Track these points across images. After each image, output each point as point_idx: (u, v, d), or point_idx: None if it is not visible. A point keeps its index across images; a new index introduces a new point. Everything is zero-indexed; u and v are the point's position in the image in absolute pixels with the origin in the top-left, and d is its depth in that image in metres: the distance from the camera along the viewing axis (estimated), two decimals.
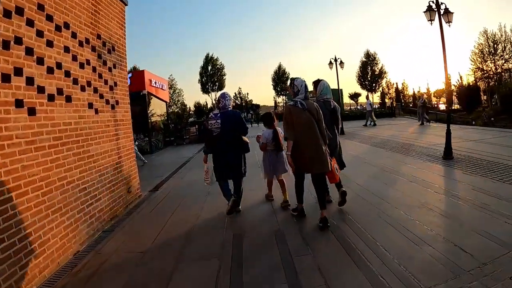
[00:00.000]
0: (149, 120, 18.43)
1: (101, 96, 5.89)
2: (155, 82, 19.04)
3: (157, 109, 20.83)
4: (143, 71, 17.47)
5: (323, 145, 4.45)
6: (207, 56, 66.07)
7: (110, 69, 6.38)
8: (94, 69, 5.69)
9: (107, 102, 6.14)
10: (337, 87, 19.28)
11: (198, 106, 68.06)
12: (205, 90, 65.42)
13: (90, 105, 5.46)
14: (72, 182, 4.68)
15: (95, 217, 5.23)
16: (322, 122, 4.54)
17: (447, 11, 8.96)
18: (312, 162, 4.44)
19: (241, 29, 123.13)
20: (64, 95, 4.70)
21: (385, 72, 62.64)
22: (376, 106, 56.31)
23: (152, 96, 19.13)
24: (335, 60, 19.42)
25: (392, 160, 8.91)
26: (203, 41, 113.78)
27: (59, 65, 4.59)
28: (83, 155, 5.05)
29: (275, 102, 71.39)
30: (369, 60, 62.55)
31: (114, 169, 6.09)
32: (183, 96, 62.49)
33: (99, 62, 5.92)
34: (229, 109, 5.31)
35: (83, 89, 5.24)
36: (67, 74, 4.83)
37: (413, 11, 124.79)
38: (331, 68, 19.53)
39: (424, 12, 9.09)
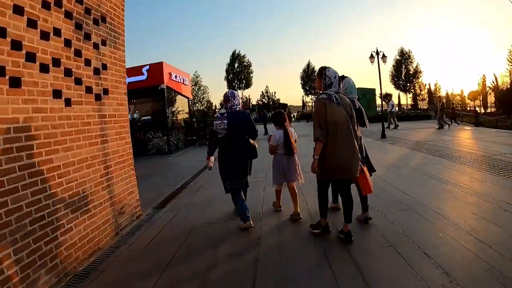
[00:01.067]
0: (169, 118, 16.86)
1: (78, 82, 4.17)
2: (176, 76, 17.42)
3: (179, 106, 19.21)
4: (161, 63, 15.86)
5: (357, 147, 3.89)
6: (233, 53, 64.75)
7: (96, 46, 4.64)
8: (67, 43, 3.97)
9: (89, 90, 4.41)
10: (379, 84, 17.10)
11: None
12: (231, 87, 63.89)
13: (57, 94, 3.76)
14: (18, 211, 3.02)
15: (60, 258, 3.53)
16: (355, 120, 4.00)
17: None
18: (343, 166, 3.82)
19: (269, 25, 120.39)
20: (7, 77, 3.01)
21: (420, 72, 59.36)
22: (402, 107, 53.43)
23: (172, 92, 17.50)
24: (377, 53, 17.19)
25: (469, 179, 6.63)
26: (230, 37, 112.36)
27: None
28: (39, 168, 3.36)
29: (303, 101, 69.26)
30: (403, 59, 59.37)
31: (97, 184, 4.39)
32: (208, 93, 61.06)
33: (78, 34, 4.19)
34: (238, 109, 4.77)
35: (44, 69, 3.55)
36: (16, 45, 3.15)
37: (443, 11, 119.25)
38: (372, 62, 17.35)
39: None
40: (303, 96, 68.47)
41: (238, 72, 64.41)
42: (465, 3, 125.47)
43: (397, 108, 42.58)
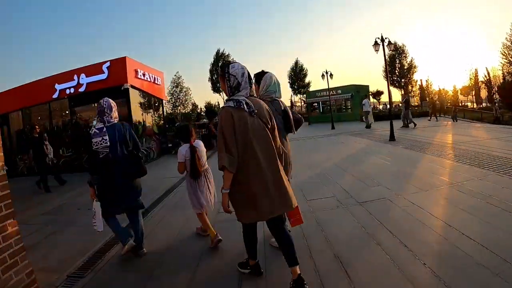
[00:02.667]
0: (137, 124, 14.48)
1: None
2: (144, 74, 15.06)
3: (149, 109, 16.79)
4: (124, 58, 13.51)
5: (282, 170, 2.90)
6: (217, 52, 61.96)
7: None
8: None
9: None
10: (385, 74, 14.83)
11: (209, 106, 64.24)
12: (216, 89, 61.37)
13: None
14: None
15: None
16: (276, 132, 3.04)
17: None
18: (269, 201, 2.76)
19: (253, 22, 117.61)
20: None
21: (414, 67, 57.06)
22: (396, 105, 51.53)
23: (140, 93, 15.08)
24: (382, 40, 14.83)
25: None
26: (212, 35, 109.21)
27: None
28: None
29: (292, 101, 66.96)
30: (397, 53, 56.78)
31: None
32: (191, 95, 58.34)
33: None
34: (116, 121, 4.12)
35: None
36: None
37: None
38: (377, 50, 14.98)
39: None
40: (291, 96, 66.23)
41: None
42: None
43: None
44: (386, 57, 14.77)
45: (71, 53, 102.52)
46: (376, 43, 15.02)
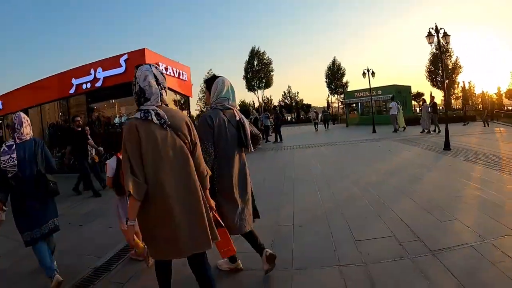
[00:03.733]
0: None
1: None
2: (166, 68, 13.84)
3: (172, 107, 15.61)
4: (143, 50, 12.35)
5: (200, 198, 2.39)
6: (252, 50, 60.83)
7: None
8: None
9: None
10: (441, 68, 12.82)
11: (243, 105, 63.20)
12: (250, 87, 60.18)
13: None
14: None
15: None
16: (199, 149, 2.56)
17: None
18: (181, 238, 2.29)
19: (291, 19, 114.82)
20: None
21: (459, 67, 52.94)
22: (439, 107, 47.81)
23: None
24: (437, 30, 12.71)
25: None
26: (248, 32, 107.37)
27: None
28: None
29: (328, 102, 64.63)
30: (441, 52, 52.53)
31: None
32: None
33: None
34: (28, 138, 3.77)
35: None
36: None
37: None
38: (431, 42, 12.96)
39: None
40: (328, 96, 63.90)
41: (258, 70, 60.44)
42: None
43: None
44: (429, 54, 12.89)
45: (98, 47, 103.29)
46: (429, 34, 12.99)
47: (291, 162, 11.01)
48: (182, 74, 15.67)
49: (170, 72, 14.25)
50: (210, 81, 3.31)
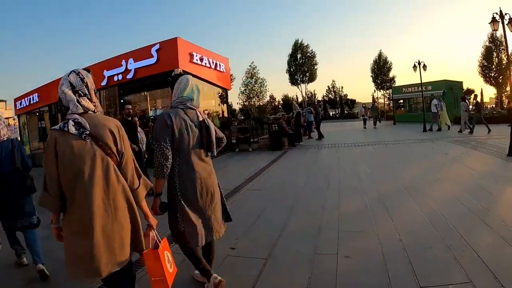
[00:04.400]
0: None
1: None
2: (201, 59, 12.89)
3: (209, 100, 14.70)
4: (175, 39, 11.51)
5: (122, 212, 2.23)
6: (296, 43, 59.19)
7: None
8: None
9: None
10: (506, 60, 10.93)
11: (286, 99, 61.82)
12: (294, 81, 58.72)
13: None
14: None
15: None
16: (127, 160, 2.33)
17: None
18: (97, 256, 2.12)
19: (335, 10, 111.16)
20: None
21: None
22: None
23: (197, 79, 12.95)
24: (501, 15, 10.82)
25: None
26: (291, 24, 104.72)
27: None
28: None
29: (373, 97, 61.78)
30: (494, 45, 47.09)
31: None
32: (266, 86, 56.02)
33: None
34: (4, 139, 3.88)
35: None
36: None
37: None
38: (495, 29, 11.09)
39: None
40: (374, 91, 61.02)
41: (301, 64, 58.81)
42: None
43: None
44: (482, 48, 10.92)
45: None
46: (494, 20, 11.17)
47: (335, 164, 9.70)
48: (219, 65, 14.71)
49: (205, 63, 13.34)
50: (174, 79, 3.09)
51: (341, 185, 6.99)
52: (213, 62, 14.03)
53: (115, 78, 12.68)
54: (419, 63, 20.18)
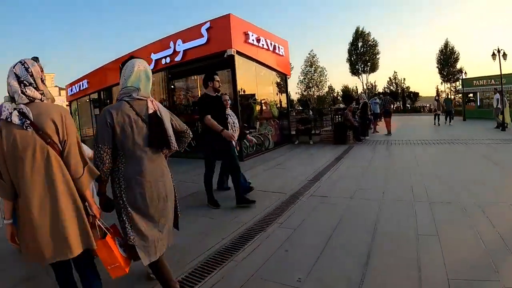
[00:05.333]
0: (250, 102, 11.12)
1: None
2: (258, 39, 11.35)
3: (266, 86, 13.18)
4: (227, 16, 9.99)
5: (64, 202, 2.23)
6: (357, 30, 56.29)
7: None
8: None
9: None
10: None
11: (346, 90, 59.12)
12: (354, 71, 55.97)
13: None
14: None
15: None
16: (72, 150, 2.29)
17: None
18: (42, 243, 2.19)
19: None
20: None
21: None
22: None
23: (252, 62, 11.44)
24: None
25: None
26: (353, 11, 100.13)
27: None
28: None
29: (437, 91, 56.93)
30: None
31: None
32: (326, 76, 53.59)
33: None
34: None
35: None
36: None
37: None
38: None
39: None
40: (441, 83, 56.00)
41: (362, 53, 55.84)
42: None
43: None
44: None
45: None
46: None
47: (413, 166, 7.67)
48: (279, 48, 13.09)
49: (263, 44, 11.71)
50: (124, 65, 2.73)
51: (430, 197, 5.15)
52: (271, 44, 12.40)
53: (163, 61, 11.55)
54: (498, 51, 17.23)
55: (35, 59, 2.35)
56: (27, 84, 2.21)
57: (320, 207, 5.00)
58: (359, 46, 55.99)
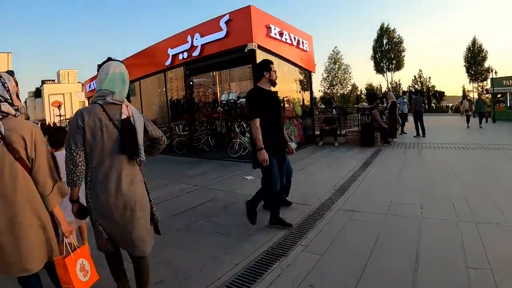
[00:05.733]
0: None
1: None
2: (281, 33, 10.64)
3: (289, 83, 12.43)
4: (248, 7, 9.28)
5: (28, 218, 2.23)
6: (381, 27, 54.78)
7: None
8: None
9: None
10: None
11: (370, 88, 57.73)
12: (379, 69, 54.55)
13: None
14: None
15: None
16: (38, 163, 2.30)
17: None
18: (6, 257, 2.21)
19: None
20: None
21: None
22: None
23: (275, 57, 10.75)
24: None
25: None
26: (377, 8, 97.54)
27: None
28: None
29: (464, 90, 54.55)
30: None
31: None
32: (350, 73, 52.26)
33: None
34: None
35: None
36: None
37: None
38: None
39: None
40: (469, 82, 53.47)
41: (387, 50, 54.30)
42: None
43: None
44: None
45: None
46: None
47: (451, 175, 6.71)
48: (303, 42, 12.32)
49: (286, 39, 10.96)
50: (100, 66, 2.63)
51: (474, 215, 4.31)
52: (295, 39, 11.64)
53: (180, 57, 10.97)
54: None
55: (10, 73, 2.38)
56: (2, 100, 2.23)
57: (350, 225, 4.24)
58: (384, 43, 54.47)
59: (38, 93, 67.07)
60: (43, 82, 67.66)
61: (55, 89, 63.25)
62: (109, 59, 2.60)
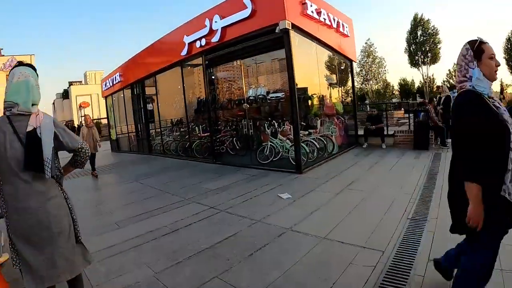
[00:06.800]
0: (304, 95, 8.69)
1: None
2: (318, 12, 8.66)
3: (329, 74, 10.51)
4: None
5: None
6: (415, 18, 51.64)
7: None
8: None
9: None
10: None
11: (404, 83, 54.79)
12: (414, 62, 51.59)
13: None
14: None
15: None
16: None
17: None
18: None
19: None
20: None
21: None
22: None
23: (312, 41, 8.81)
24: None
25: None
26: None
27: None
28: None
29: (502, 86, 50.31)
30: None
31: None
32: (385, 67, 49.56)
33: None
34: None
35: None
36: None
37: None
38: None
39: None
40: (511, 74, 49.11)
41: (422, 42, 51.21)
42: None
43: None
44: None
45: None
46: None
47: None
48: (343, 26, 10.28)
49: (324, 19, 8.93)
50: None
51: None
52: (334, 20, 9.59)
53: (197, 44, 9.13)
54: None
55: None
56: None
57: None
58: (419, 34, 51.48)
59: (66, 95, 67.79)
60: (70, 83, 68.29)
61: (82, 90, 63.70)
62: (20, 63, 2.37)
